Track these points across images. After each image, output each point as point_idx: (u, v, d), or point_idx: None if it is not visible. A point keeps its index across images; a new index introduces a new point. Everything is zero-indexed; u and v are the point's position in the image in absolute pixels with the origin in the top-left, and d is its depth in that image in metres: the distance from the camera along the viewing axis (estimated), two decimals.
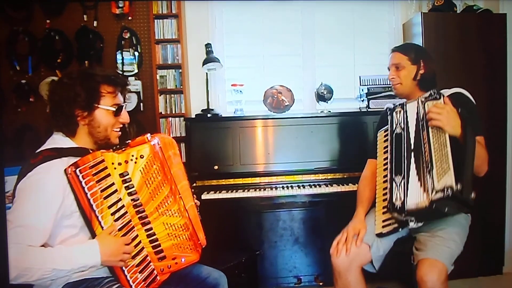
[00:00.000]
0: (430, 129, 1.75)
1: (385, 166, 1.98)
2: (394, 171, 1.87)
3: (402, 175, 1.81)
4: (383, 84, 3.12)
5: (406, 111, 1.92)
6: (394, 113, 1.99)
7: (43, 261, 1.32)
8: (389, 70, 2.13)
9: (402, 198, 1.77)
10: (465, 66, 2.97)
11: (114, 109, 1.55)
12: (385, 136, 2.07)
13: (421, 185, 1.73)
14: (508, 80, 3.06)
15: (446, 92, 1.96)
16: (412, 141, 1.83)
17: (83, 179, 1.39)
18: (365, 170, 2.21)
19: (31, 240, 1.32)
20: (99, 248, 1.41)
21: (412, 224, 1.75)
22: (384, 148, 2.05)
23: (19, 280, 1.28)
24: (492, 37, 3.00)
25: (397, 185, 1.82)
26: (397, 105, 2.00)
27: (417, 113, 1.84)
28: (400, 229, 1.86)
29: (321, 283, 2.88)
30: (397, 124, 1.94)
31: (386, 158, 1.99)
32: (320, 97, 3.12)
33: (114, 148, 1.52)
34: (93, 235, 1.44)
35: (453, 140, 1.69)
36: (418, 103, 1.86)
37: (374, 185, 2.08)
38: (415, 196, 1.73)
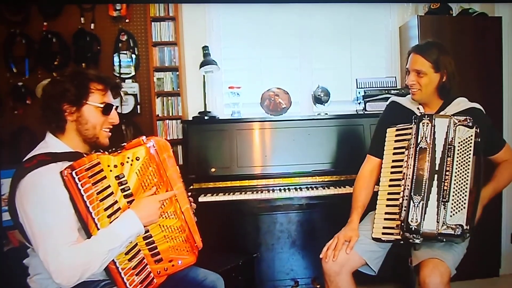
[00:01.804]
0: (455, 158, 1.76)
1: (394, 170, 1.95)
2: (414, 190, 1.79)
3: (422, 196, 1.77)
4: (379, 87, 3.13)
5: (434, 125, 1.82)
6: (420, 125, 1.84)
7: (96, 249, 1.38)
8: (407, 72, 2.00)
9: (419, 221, 1.74)
10: (461, 69, 2.93)
11: (102, 106, 1.56)
12: (397, 136, 1.98)
13: (437, 213, 1.74)
14: (504, 83, 3.07)
15: (464, 103, 1.97)
16: (437, 162, 1.78)
17: (79, 181, 1.39)
18: (364, 167, 2.14)
19: (68, 239, 1.37)
20: (137, 215, 1.45)
21: (417, 241, 1.77)
22: (394, 149, 1.98)
23: (85, 276, 1.37)
24: (487, 40, 3.02)
25: (414, 206, 1.77)
26: (424, 116, 1.86)
27: (447, 133, 1.79)
28: (401, 242, 1.85)
29: (318, 286, 2.88)
30: (422, 138, 1.82)
31: (396, 161, 1.94)
32: (317, 100, 3.13)
33: (110, 150, 1.52)
34: (89, 237, 1.43)
35: (474, 176, 1.74)
36: (449, 123, 1.80)
37: (371, 187, 2.08)
38: (431, 223, 1.73)
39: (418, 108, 2.00)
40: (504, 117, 3.08)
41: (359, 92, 3.17)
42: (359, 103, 3.16)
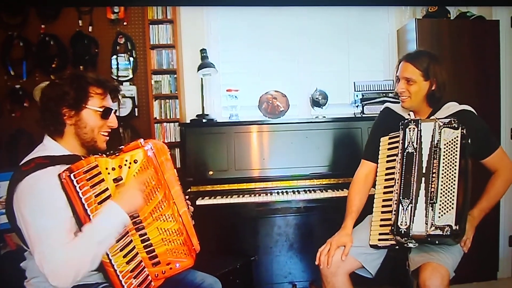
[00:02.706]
0: (441, 160, 1.77)
1: (388, 177, 1.96)
2: (402, 193, 1.82)
3: (410, 199, 1.79)
4: (377, 90, 3.13)
5: (420, 130, 1.85)
6: (407, 130, 1.88)
7: (83, 244, 1.37)
8: (397, 79, 2.01)
9: (408, 224, 1.76)
10: (459, 72, 2.99)
11: (101, 110, 1.55)
12: (389, 144, 2.00)
13: (425, 215, 1.75)
14: (501, 85, 3.09)
15: (454, 107, 1.96)
16: (424, 165, 1.80)
17: (77, 184, 1.38)
18: (358, 171, 2.15)
19: (64, 239, 1.36)
20: (118, 204, 1.42)
21: (411, 245, 1.78)
22: (388, 156, 2.00)
23: (80, 274, 1.35)
24: (485, 43, 3.03)
25: (403, 209, 1.79)
26: (410, 121, 1.89)
27: (433, 136, 1.81)
28: (397, 247, 1.87)
29: None
30: (409, 143, 1.86)
31: (389, 168, 1.96)
32: (315, 103, 3.13)
33: (108, 153, 1.52)
34: None
35: (462, 176, 1.74)
36: (435, 126, 1.82)
37: (366, 192, 2.09)
38: (420, 225, 1.74)
39: (409, 115, 2.00)
40: (502, 119, 3.09)
41: (357, 95, 3.17)
42: (357, 106, 3.17)
